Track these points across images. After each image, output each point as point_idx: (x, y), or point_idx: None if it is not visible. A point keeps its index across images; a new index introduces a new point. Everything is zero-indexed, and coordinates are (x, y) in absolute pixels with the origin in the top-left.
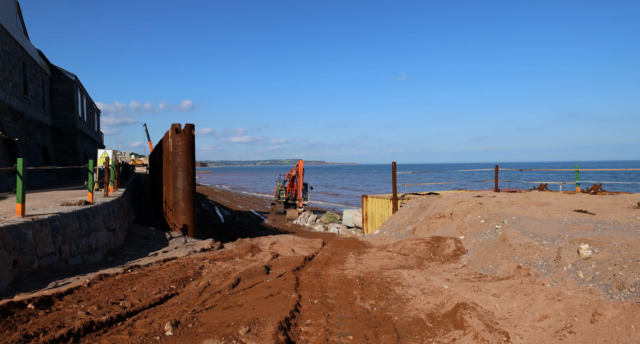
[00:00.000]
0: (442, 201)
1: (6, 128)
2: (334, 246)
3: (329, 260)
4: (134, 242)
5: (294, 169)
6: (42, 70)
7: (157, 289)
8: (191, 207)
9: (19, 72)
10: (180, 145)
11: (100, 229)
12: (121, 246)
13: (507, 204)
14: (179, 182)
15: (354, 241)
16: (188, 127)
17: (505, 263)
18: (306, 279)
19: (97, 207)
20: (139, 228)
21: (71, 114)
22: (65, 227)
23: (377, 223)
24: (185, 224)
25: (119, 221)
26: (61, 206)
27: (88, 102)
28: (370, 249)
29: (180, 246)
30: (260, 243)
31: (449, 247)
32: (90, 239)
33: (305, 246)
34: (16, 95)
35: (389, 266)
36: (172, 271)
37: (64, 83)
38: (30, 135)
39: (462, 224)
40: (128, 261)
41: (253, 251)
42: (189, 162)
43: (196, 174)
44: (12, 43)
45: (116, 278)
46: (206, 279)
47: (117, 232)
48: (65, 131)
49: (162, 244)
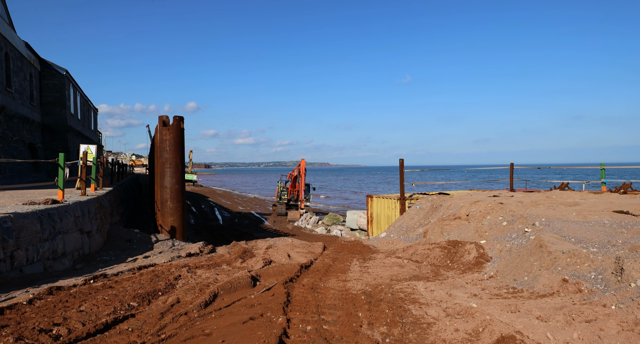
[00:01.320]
0: (456, 201)
1: None
2: (335, 250)
3: (329, 268)
4: (114, 246)
5: (296, 169)
6: (30, 64)
7: (112, 308)
8: (180, 208)
9: (0, 63)
10: (167, 139)
11: (69, 231)
12: (98, 250)
13: (531, 204)
14: (167, 179)
15: (359, 245)
16: (176, 120)
17: (545, 275)
18: (300, 294)
19: (67, 207)
20: (122, 230)
21: (62, 111)
22: (21, 229)
23: (384, 225)
24: (173, 225)
25: (97, 223)
26: (22, 205)
27: (83, 100)
28: (376, 254)
29: (165, 250)
30: (255, 247)
31: (469, 254)
32: (55, 243)
33: (304, 250)
34: None
35: (400, 276)
36: (141, 282)
37: (55, 78)
38: (14, 131)
39: (480, 226)
40: (100, 268)
41: (245, 256)
42: (178, 158)
43: (200, 176)
44: None
45: (70, 291)
46: (178, 293)
47: (94, 235)
48: (56, 128)
49: (145, 248)
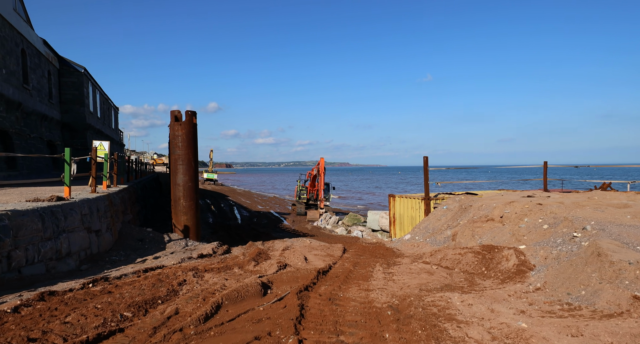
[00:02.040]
0: (488, 202)
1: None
2: (356, 253)
3: (349, 274)
4: (125, 246)
5: (315, 168)
6: (48, 61)
7: (102, 319)
8: (193, 206)
9: (17, 60)
10: (180, 135)
11: (75, 230)
12: (108, 250)
13: (573, 206)
14: (179, 177)
15: (381, 248)
16: (189, 115)
17: (608, 290)
18: (315, 306)
19: (72, 205)
20: (135, 229)
21: (80, 108)
22: (19, 228)
23: (407, 227)
24: (187, 224)
25: (107, 221)
26: (25, 202)
27: (102, 98)
28: (401, 259)
29: (177, 250)
30: (271, 248)
31: (507, 261)
32: (59, 242)
33: (322, 253)
34: (12, 83)
35: (430, 286)
36: (142, 287)
37: (73, 76)
38: (32, 128)
39: (517, 229)
40: (106, 269)
41: (259, 258)
42: (191, 154)
43: (221, 175)
44: (4, 26)
45: (64, 297)
46: (178, 302)
47: (103, 234)
48: (75, 126)
49: (157, 248)
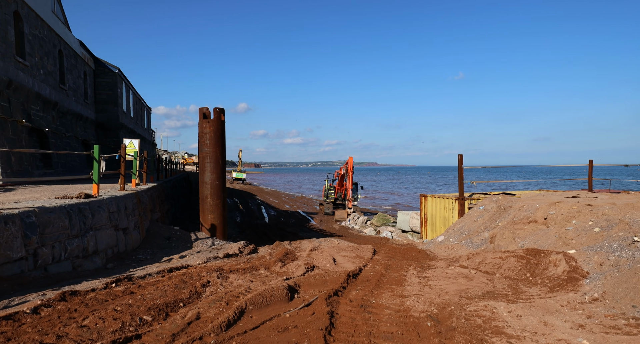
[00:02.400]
0: (529, 202)
1: (34, 117)
2: (387, 255)
3: (381, 278)
4: (152, 244)
5: (343, 167)
6: (84, 62)
7: (121, 323)
8: (220, 205)
9: (54, 61)
10: (208, 132)
11: (102, 228)
12: (136, 248)
13: (628, 207)
14: (207, 175)
15: (413, 250)
16: (217, 112)
17: None
18: (346, 314)
19: (100, 202)
20: (162, 228)
21: (114, 108)
22: (46, 225)
23: (439, 228)
24: (214, 223)
25: (134, 219)
26: (54, 199)
27: (135, 98)
28: (436, 262)
29: (204, 249)
30: (298, 248)
31: (555, 266)
32: (86, 240)
33: (352, 254)
34: (49, 83)
35: (470, 293)
36: (164, 289)
37: (108, 76)
38: (67, 127)
39: (564, 232)
40: (131, 268)
41: (286, 259)
42: (218, 152)
43: (249, 175)
44: (44, 28)
45: (86, 297)
46: (201, 306)
47: (131, 232)
48: (109, 125)
49: (184, 246)
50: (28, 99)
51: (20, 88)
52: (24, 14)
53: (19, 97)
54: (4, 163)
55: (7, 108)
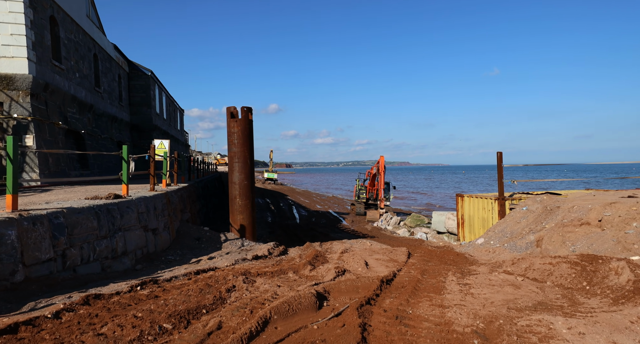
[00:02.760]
0: (580, 203)
1: (70, 120)
2: (423, 258)
3: (417, 285)
4: (182, 245)
5: (375, 167)
6: (119, 65)
7: (139, 331)
8: (249, 205)
9: (89, 64)
10: (235, 132)
11: (131, 228)
12: (165, 248)
13: None
14: (235, 175)
15: (450, 253)
16: (244, 112)
17: None
18: (380, 326)
19: (129, 203)
20: (192, 228)
21: (147, 110)
22: (74, 226)
23: (478, 229)
24: (243, 224)
25: (164, 220)
26: (84, 200)
27: (168, 100)
28: (476, 267)
29: (233, 250)
30: (329, 250)
31: (617, 275)
32: (115, 241)
33: (385, 257)
34: (85, 86)
35: (520, 303)
36: (189, 293)
37: (141, 79)
38: (103, 129)
39: (623, 236)
40: (160, 270)
41: (316, 262)
42: (246, 151)
43: (281, 175)
44: (79, 32)
45: (109, 301)
46: (223, 313)
47: (160, 232)
48: (142, 127)
49: (214, 247)
50: (64, 102)
51: (56, 91)
52: (59, 18)
53: (55, 100)
54: (41, 164)
55: (44, 111)
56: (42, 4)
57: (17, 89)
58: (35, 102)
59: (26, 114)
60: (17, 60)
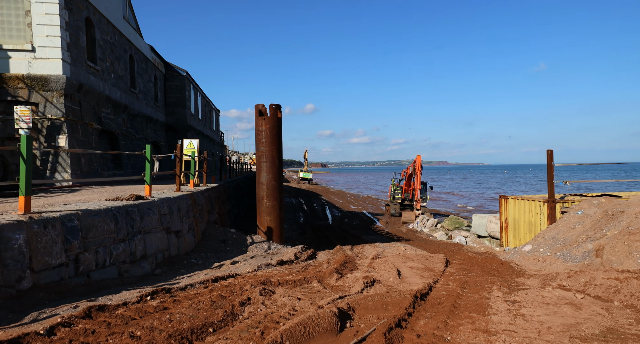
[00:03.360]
0: None
1: (105, 120)
2: (462, 267)
3: (457, 301)
4: (207, 247)
5: (411, 166)
6: (155, 66)
7: None
8: (277, 206)
9: (125, 65)
10: (264, 130)
11: (152, 231)
12: (189, 251)
13: None
14: (263, 175)
15: (493, 260)
16: (273, 109)
17: None
18: None
19: (150, 204)
20: (219, 230)
21: (182, 110)
22: (89, 228)
23: (524, 234)
24: (270, 226)
25: (188, 221)
26: (104, 201)
27: (204, 101)
28: (525, 279)
29: (259, 254)
30: (360, 255)
31: None
32: (134, 244)
33: (420, 265)
34: (120, 87)
35: (584, 330)
36: (199, 306)
37: (176, 79)
38: (137, 129)
39: None
40: (179, 275)
41: (343, 269)
42: (274, 150)
43: (316, 175)
44: (114, 33)
45: (113, 314)
46: (230, 335)
47: (184, 235)
48: (177, 127)
49: (239, 250)
50: (99, 102)
51: (90, 92)
52: (95, 20)
53: (89, 101)
54: (73, 164)
55: (78, 111)
56: (78, 6)
57: (51, 90)
58: (68, 103)
59: (60, 115)
60: (51, 62)
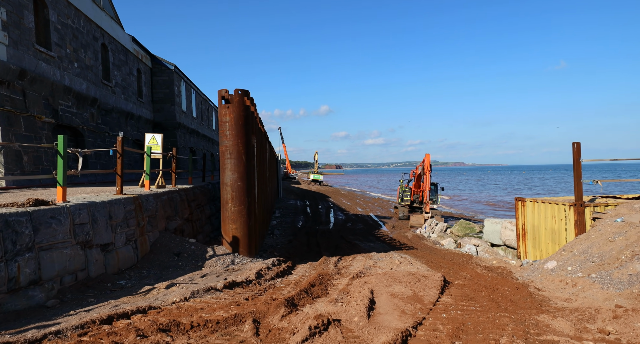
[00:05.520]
0: None
1: (63, 113)
2: (464, 293)
3: None
4: (154, 262)
5: (420, 166)
6: (137, 59)
7: None
8: (244, 212)
9: (94, 54)
10: (227, 121)
11: (55, 246)
12: (128, 268)
13: None
14: (227, 174)
15: (507, 283)
16: (239, 95)
17: None
18: None
19: (56, 211)
20: (174, 240)
21: (171, 107)
22: None
23: (545, 244)
24: (236, 236)
25: (127, 231)
26: None
27: (200, 98)
28: (550, 318)
29: (215, 270)
30: (342, 271)
31: None
32: (15, 266)
33: (406, 290)
34: (87, 78)
35: None
36: None
37: (164, 74)
38: (113, 126)
39: None
40: (82, 307)
41: (304, 297)
42: (241, 144)
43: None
44: (79, 18)
45: None
46: None
47: (118, 248)
48: (166, 125)
49: (193, 266)
50: (54, 93)
51: (40, 80)
52: (48, 0)
53: (39, 90)
54: (9, 162)
55: (20, 101)
56: None
57: None
58: (5, 91)
59: None
60: None
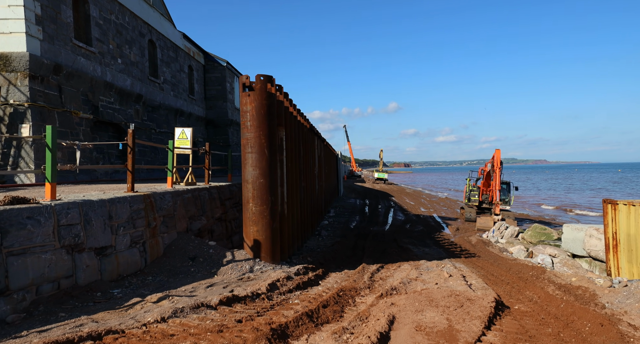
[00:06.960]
0: None
1: (105, 110)
2: (523, 326)
3: None
4: (164, 267)
5: (489, 163)
6: (189, 56)
7: None
8: (267, 213)
9: (141, 51)
10: (248, 110)
11: (31, 250)
12: (133, 273)
13: None
14: (248, 171)
15: (587, 313)
16: (262, 82)
17: None
18: None
19: (35, 211)
20: (192, 243)
21: (223, 104)
22: None
23: None
24: (257, 239)
25: (134, 232)
26: None
27: None
28: None
29: (227, 279)
30: (376, 284)
31: None
32: None
33: (440, 320)
34: (132, 74)
35: None
36: None
37: (216, 70)
38: (160, 123)
39: None
40: (48, 324)
41: (305, 323)
42: (263, 137)
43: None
44: (124, 14)
45: None
46: None
47: (120, 252)
48: (218, 122)
49: (206, 272)
50: (93, 89)
51: (78, 75)
52: None
53: (77, 86)
54: (39, 158)
55: (56, 97)
56: None
57: (15, 71)
58: (38, 86)
59: (24, 100)
60: (14, 36)
